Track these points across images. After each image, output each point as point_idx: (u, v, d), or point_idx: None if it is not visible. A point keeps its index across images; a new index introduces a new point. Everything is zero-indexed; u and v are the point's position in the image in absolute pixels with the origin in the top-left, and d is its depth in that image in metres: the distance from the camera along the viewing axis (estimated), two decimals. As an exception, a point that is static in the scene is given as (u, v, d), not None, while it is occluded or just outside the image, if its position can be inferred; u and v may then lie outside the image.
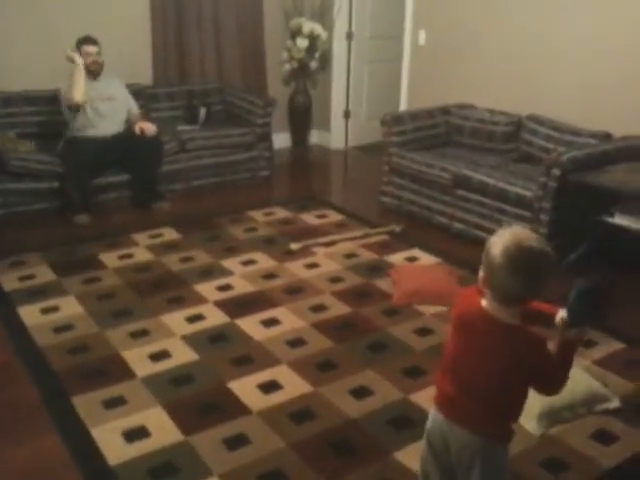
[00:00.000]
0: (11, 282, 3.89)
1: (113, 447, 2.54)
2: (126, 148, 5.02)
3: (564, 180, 3.98)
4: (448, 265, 4.18)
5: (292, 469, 2.42)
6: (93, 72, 4.97)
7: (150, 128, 5.08)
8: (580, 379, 2.85)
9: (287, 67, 6.64)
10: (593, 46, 4.59)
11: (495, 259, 1.62)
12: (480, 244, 4.52)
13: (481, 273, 1.69)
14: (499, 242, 1.63)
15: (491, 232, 4.45)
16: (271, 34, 6.49)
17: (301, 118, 6.93)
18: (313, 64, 6.59)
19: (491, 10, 5.23)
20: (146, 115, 5.38)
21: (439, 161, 4.80)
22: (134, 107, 5.27)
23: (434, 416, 1.88)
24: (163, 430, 2.64)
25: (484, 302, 1.72)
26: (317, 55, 6.57)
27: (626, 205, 3.95)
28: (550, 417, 2.67)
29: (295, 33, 6.49)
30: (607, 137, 4.41)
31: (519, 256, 1.60)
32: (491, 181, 4.38)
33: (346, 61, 6.83)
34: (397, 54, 6.19)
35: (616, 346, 3.29)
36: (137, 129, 5.05)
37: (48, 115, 5.20)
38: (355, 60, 6.84)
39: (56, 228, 4.73)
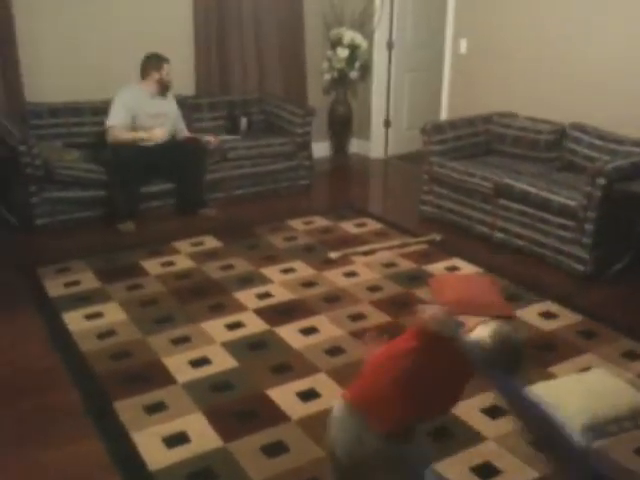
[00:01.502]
0: (56, 288, 3.97)
1: (153, 452, 2.57)
2: (172, 156, 5.12)
3: (609, 189, 3.90)
4: (489, 275, 4.13)
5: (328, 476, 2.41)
6: (166, 89, 5.14)
7: (217, 140, 5.35)
8: (625, 391, 2.79)
9: (327, 77, 6.66)
10: (637, 52, 4.50)
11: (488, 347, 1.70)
12: (522, 254, 4.51)
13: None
14: (492, 332, 1.73)
15: (533, 242, 4.45)
16: (311, 44, 6.53)
17: (341, 127, 6.95)
18: (353, 74, 6.61)
19: (532, 17, 5.17)
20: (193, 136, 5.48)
21: (480, 170, 4.75)
22: (184, 129, 5.40)
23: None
24: (203, 436, 2.66)
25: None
26: (357, 65, 6.59)
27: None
28: (595, 430, 2.61)
29: (335, 43, 6.51)
30: (653, 145, 4.31)
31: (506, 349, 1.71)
32: (533, 190, 4.32)
33: (386, 70, 6.82)
34: (438, 63, 6.17)
35: (663, 359, 3.21)
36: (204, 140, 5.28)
37: (93, 126, 5.30)
38: (395, 69, 6.83)
39: (100, 236, 4.83)
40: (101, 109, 5.18)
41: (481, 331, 1.70)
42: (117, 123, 4.97)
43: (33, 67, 5.24)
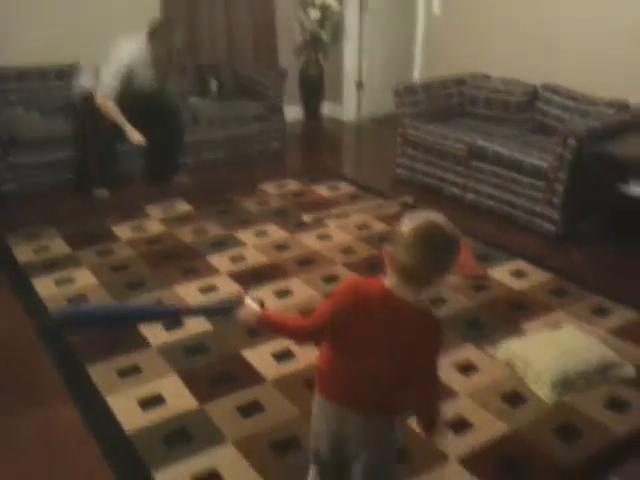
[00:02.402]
0: (25, 254, 3.91)
1: (129, 415, 2.56)
2: (153, 114, 4.90)
3: (580, 150, 3.93)
4: (462, 236, 4.14)
5: (306, 436, 2.43)
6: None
7: None
8: (594, 347, 2.85)
9: (298, 38, 6.57)
10: (610, 12, 4.50)
11: (404, 238, 1.59)
12: (494, 215, 4.54)
13: (387, 251, 1.63)
14: (410, 222, 1.61)
15: (505, 203, 4.48)
16: (282, 5, 6.41)
17: (313, 90, 6.88)
18: (325, 35, 6.52)
19: (506, -23, 5.13)
20: None
21: (453, 132, 4.75)
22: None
23: (325, 406, 1.78)
24: (178, 398, 2.66)
25: (387, 284, 1.65)
26: (329, 26, 6.49)
27: (642, 174, 3.91)
28: (564, 385, 2.67)
29: (306, 4, 6.41)
30: (624, 106, 4.34)
31: (428, 236, 1.59)
32: (506, 151, 4.34)
33: (358, 31, 6.74)
34: (411, 24, 6.11)
35: (630, 315, 3.27)
36: None
37: (59, 90, 5.18)
38: (368, 30, 6.75)
39: (69, 201, 4.75)
40: (66, 72, 5.04)
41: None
42: (109, 90, 4.65)
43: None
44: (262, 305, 1.82)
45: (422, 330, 1.66)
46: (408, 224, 1.61)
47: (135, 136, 4.75)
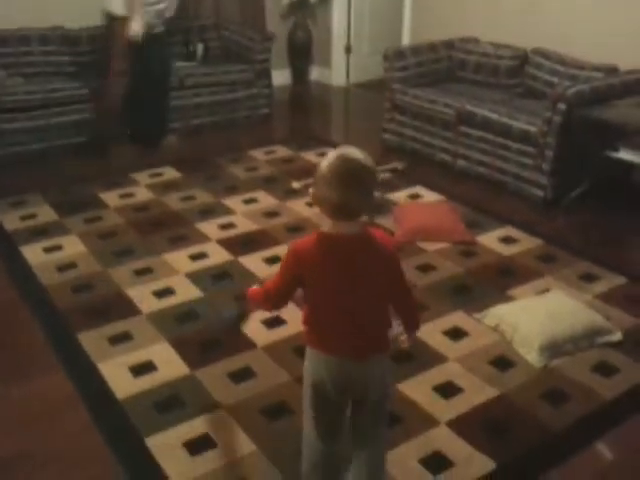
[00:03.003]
0: (13, 222, 3.88)
1: (120, 381, 2.57)
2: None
3: (569, 115, 3.92)
4: (451, 202, 4.16)
5: (296, 402, 2.45)
6: None
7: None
8: (582, 312, 2.88)
9: (286, 1, 6.46)
10: (602, -25, 4.46)
11: (324, 177, 1.64)
12: (483, 181, 4.54)
13: (314, 194, 1.69)
14: (325, 161, 1.66)
15: (494, 169, 4.48)
16: (269, -34, 6.30)
17: (301, 54, 6.79)
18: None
19: (497, -62, 5.05)
20: None
21: (442, 97, 4.72)
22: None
23: (329, 363, 1.78)
24: (169, 365, 2.67)
25: (325, 229, 1.71)
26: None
27: (631, 140, 3.90)
28: (552, 349, 2.70)
29: (294, -35, 6.30)
30: (614, 70, 4.32)
31: (343, 168, 1.63)
32: (495, 116, 4.32)
33: (347, -7, 6.64)
34: (399, -14, 6.01)
35: (618, 280, 3.30)
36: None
37: (41, 55, 5.09)
38: (356, -8, 6.65)
39: (56, 168, 4.69)
40: (50, 38, 4.95)
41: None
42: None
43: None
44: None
45: (373, 255, 1.73)
46: (324, 163, 1.65)
47: (133, 26, 4.68)
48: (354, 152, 1.67)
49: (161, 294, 3.16)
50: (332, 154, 1.67)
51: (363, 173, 1.65)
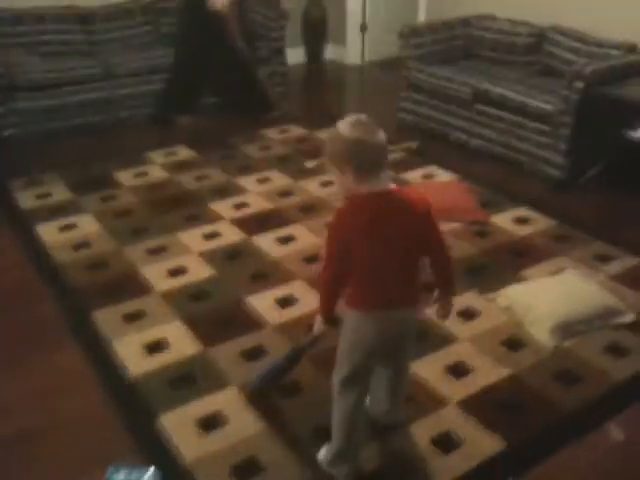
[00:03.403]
0: (28, 200, 3.91)
1: (134, 359, 2.61)
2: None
3: (586, 93, 3.86)
4: (466, 182, 4.13)
5: (309, 381, 2.47)
6: None
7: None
8: (595, 293, 2.86)
9: (301, -22, 6.40)
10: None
11: (348, 139, 1.75)
12: (498, 160, 4.50)
13: (338, 160, 1.77)
14: (342, 126, 1.77)
15: (510, 148, 4.44)
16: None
17: (315, 32, 6.74)
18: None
19: None
20: None
21: (458, 75, 4.67)
22: None
23: (373, 317, 1.89)
24: (183, 343, 2.70)
25: (355, 194, 1.79)
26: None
27: (649, 119, 3.85)
28: (564, 330, 2.69)
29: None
30: (633, 49, 4.24)
31: (365, 125, 1.78)
32: (511, 95, 4.27)
33: (362, -29, 6.56)
34: (415, -38, 5.93)
35: (632, 262, 3.27)
36: None
37: (57, 34, 5.10)
38: (372, -30, 6.56)
39: (72, 147, 4.72)
40: (65, 17, 4.95)
41: None
42: None
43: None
44: None
45: (406, 209, 1.82)
46: (342, 128, 1.77)
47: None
48: (362, 116, 1.80)
49: (175, 273, 3.18)
50: (347, 120, 1.77)
51: (378, 128, 1.77)
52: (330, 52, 6.99)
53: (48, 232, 3.56)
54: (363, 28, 6.80)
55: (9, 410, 2.39)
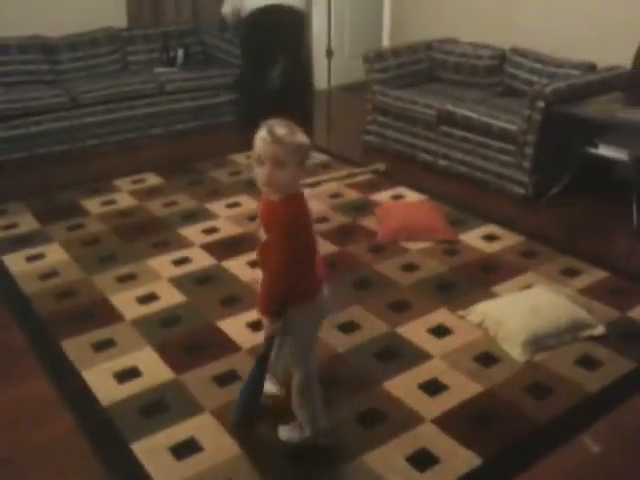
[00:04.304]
0: (-6, 231, 3.86)
1: (105, 388, 2.56)
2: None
3: (548, 112, 3.95)
4: (434, 201, 4.18)
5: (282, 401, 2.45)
6: None
7: None
8: (565, 307, 2.90)
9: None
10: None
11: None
12: (465, 180, 4.56)
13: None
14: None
15: (475, 167, 4.51)
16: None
17: (282, 58, 6.78)
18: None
19: (473, -61, 5.09)
20: None
21: (423, 97, 4.74)
22: None
23: (317, 303, 2.07)
24: (154, 370, 2.66)
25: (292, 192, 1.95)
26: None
27: (610, 136, 3.95)
28: (535, 344, 2.72)
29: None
30: (592, 68, 4.36)
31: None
32: (475, 115, 4.35)
33: (326, -2, 6.66)
34: (378, -11, 6.04)
35: (600, 275, 3.33)
36: None
37: (19, 64, 5.09)
38: (335, -4, 6.66)
39: (36, 175, 4.67)
40: (28, 46, 4.97)
41: None
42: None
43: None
44: None
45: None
46: (293, 127, 1.88)
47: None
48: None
49: (144, 300, 3.15)
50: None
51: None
52: (297, 78, 7.03)
53: (15, 262, 3.51)
54: (329, 53, 6.88)
55: (-25, 444, 2.33)
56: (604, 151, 3.91)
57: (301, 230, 1.95)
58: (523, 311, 2.84)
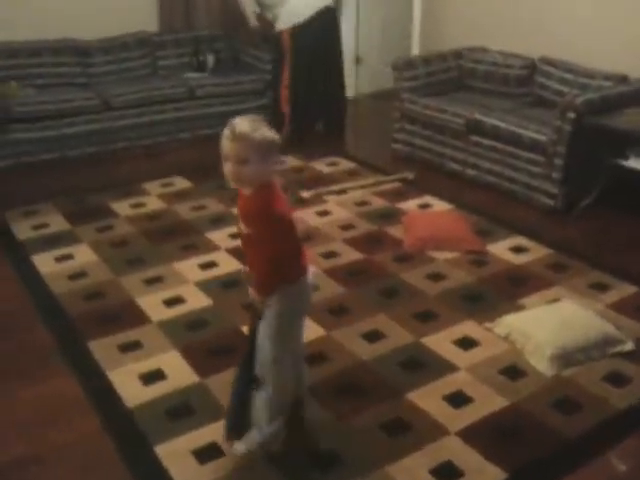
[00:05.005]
0: (25, 231, 3.91)
1: (130, 389, 2.58)
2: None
3: (579, 123, 3.91)
4: (461, 211, 4.15)
5: (307, 409, 2.45)
6: None
7: None
8: (593, 322, 2.86)
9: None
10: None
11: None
12: (493, 190, 4.53)
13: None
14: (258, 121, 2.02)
15: (504, 178, 4.47)
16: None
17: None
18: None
19: (506, -51, 5.06)
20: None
21: (452, 106, 4.72)
22: None
23: (305, 280, 2.16)
24: (179, 373, 2.67)
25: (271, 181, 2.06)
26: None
27: (642, 148, 3.90)
28: (563, 358, 2.68)
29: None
30: (623, 79, 4.31)
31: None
32: (504, 125, 4.32)
33: (355, 6, 6.66)
34: (409, -3, 6.03)
35: (629, 290, 3.28)
36: None
37: (52, 67, 5.17)
38: (365, 5, 6.67)
39: (68, 177, 4.73)
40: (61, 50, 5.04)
41: None
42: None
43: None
44: None
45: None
46: (260, 122, 2.04)
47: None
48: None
49: (171, 303, 3.17)
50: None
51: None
52: (325, 84, 7.04)
53: (44, 262, 3.55)
54: (358, 61, 6.88)
55: (5, 439, 2.36)
56: (635, 163, 3.86)
57: (278, 216, 1.99)
58: (551, 325, 2.81)
